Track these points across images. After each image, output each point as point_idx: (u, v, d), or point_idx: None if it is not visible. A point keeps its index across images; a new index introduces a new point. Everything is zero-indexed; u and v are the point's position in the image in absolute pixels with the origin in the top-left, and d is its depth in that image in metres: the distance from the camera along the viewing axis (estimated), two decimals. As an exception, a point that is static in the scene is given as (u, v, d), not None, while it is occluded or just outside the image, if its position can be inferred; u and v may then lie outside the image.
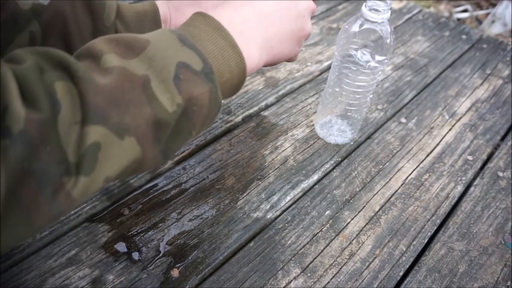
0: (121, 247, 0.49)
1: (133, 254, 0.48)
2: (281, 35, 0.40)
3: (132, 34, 0.30)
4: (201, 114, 0.31)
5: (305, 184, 0.59)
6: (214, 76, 0.32)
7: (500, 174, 0.64)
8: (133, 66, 0.28)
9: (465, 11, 2.00)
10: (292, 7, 0.40)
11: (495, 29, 1.80)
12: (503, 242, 0.54)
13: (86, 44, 0.29)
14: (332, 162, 0.62)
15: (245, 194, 0.56)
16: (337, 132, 0.65)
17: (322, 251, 0.51)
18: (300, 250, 0.51)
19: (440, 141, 0.68)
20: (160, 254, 0.48)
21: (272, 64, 0.42)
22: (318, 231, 0.53)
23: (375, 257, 0.51)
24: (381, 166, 0.63)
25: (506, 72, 0.86)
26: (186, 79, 0.30)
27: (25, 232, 0.24)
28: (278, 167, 0.60)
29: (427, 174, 0.62)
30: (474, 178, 0.63)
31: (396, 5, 1.06)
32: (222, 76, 0.33)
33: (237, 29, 0.35)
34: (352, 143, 0.66)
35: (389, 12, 0.51)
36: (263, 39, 0.38)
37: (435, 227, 0.55)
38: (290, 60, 0.45)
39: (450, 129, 0.71)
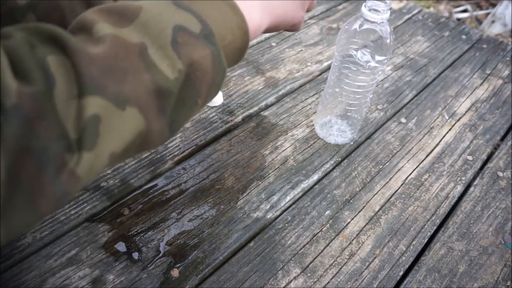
0: (121, 247, 0.49)
1: (133, 254, 0.48)
2: None
3: (123, 2, 0.28)
4: (205, 80, 0.30)
5: (305, 184, 0.59)
6: (215, 39, 0.30)
7: (500, 174, 0.64)
8: (127, 34, 0.26)
9: (465, 11, 2.00)
10: None
11: (495, 29, 1.80)
12: (503, 242, 0.54)
13: (78, 17, 0.27)
14: (332, 162, 0.62)
15: (245, 194, 0.56)
16: (337, 132, 0.65)
17: (322, 251, 0.51)
18: (300, 250, 0.51)
19: (440, 141, 0.68)
20: (160, 254, 0.48)
21: (274, 29, 0.40)
22: (318, 231, 0.53)
23: (375, 257, 0.51)
24: (381, 166, 0.63)
25: (506, 72, 0.86)
26: (184, 42, 0.28)
27: (29, 218, 0.23)
28: (278, 167, 0.61)
29: (427, 174, 0.62)
30: (474, 178, 0.63)
31: (396, 5, 1.06)
32: (223, 39, 0.31)
33: None
34: (352, 143, 0.66)
35: (389, 12, 0.51)
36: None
37: (435, 227, 0.55)
38: (294, 28, 0.43)
39: (450, 129, 0.71)
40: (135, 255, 0.48)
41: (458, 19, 1.93)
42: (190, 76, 0.28)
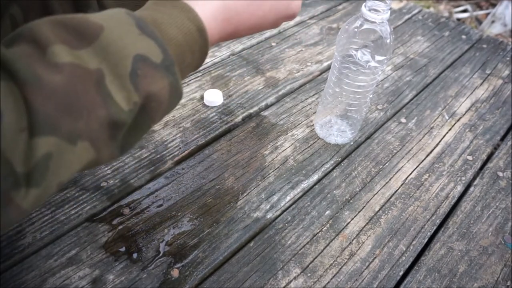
0: (121, 247, 0.49)
1: (133, 254, 0.48)
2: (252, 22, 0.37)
3: (83, 17, 0.26)
4: (161, 109, 0.29)
5: (305, 184, 0.59)
6: (175, 68, 0.29)
7: (500, 174, 0.64)
8: (85, 58, 0.24)
9: (465, 11, 2.00)
10: None
11: (495, 29, 1.80)
12: (503, 242, 0.54)
13: (29, 24, 0.25)
14: (332, 162, 0.62)
15: (245, 194, 0.56)
16: (337, 132, 0.65)
17: (322, 251, 0.51)
18: (300, 250, 0.51)
19: (440, 141, 0.68)
20: (160, 254, 0.48)
21: (234, 36, 0.38)
22: (318, 231, 0.53)
23: (375, 257, 0.51)
24: (381, 166, 0.63)
25: (506, 72, 0.86)
26: (144, 74, 0.27)
27: None
28: (278, 167, 0.61)
29: (427, 174, 0.62)
30: (474, 178, 0.63)
31: (396, 5, 1.06)
32: (183, 61, 0.31)
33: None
34: (352, 143, 0.66)
35: (389, 12, 0.51)
36: (226, 10, 0.34)
37: (435, 227, 0.55)
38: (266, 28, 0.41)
39: (450, 129, 0.71)
40: (135, 255, 0.48)
41: (458, 19, 1.93)
42: (145, 107, 0.28)
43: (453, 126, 0.72)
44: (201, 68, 0.78)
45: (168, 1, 0.31)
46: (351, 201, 0.57)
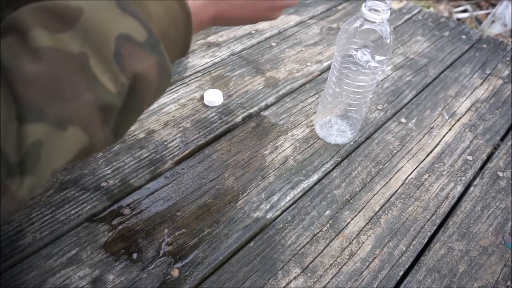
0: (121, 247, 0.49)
1: (133, 254, 0.48)
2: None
3: (63, 1, 0.25)
4: (151, 90, 0.29)
5: (305, 184, 0.59)
6: (161, 46, 0.28)
7: (500, 174, 0.64)
8: (67, 42, 0.24)
9: (465, 11, 2.00)
10: None
11: (495, 29, 1.80)
12: (503, 242, 0.54)
13: (11, 15, 0.25)
14: (332, 162, 0.62)
15: (245, 194, 0.56)
16: (337, 132, 0.65)
17: (322, 251, 0.51)
18: (300, 250, 0.51)
19: (440, 141, 0.68)
20: (160, 254, 0.48)
21: (225, 22, 0.37)
22: (318, 231, 0.53)
23: (375, 257, 0.51)
24: (381, 166, 0.63)
25: (506, 72, 0.86)
26: (128, 54, 0.26)
27: None
28: (278, 167, 0.61)
29: (427, 174, 0.62)
30: (474, 178, 0.63)
31: (396, 5, 1.07)
32: (167, 38, 0.30)
33: None
34: (352, 143, 0.66)
35: (389, 12, 0.51)
36: None
37: (435, 227, 0.55)
38: (261, 20, 0.41)
39: (450, 129, 0.71)
40: (135, 255, 0.48)
41: (458, 19, 1.93)
42: (134, 88, 0.27)
43: (453, 126, 0.72)
44: (201, 68, 0.78)
45: None
46: (351, 201, 0.57)
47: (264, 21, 0.41)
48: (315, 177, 0.60)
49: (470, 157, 0.66)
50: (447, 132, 0.70)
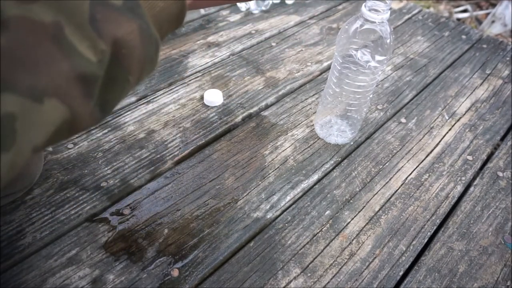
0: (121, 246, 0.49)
1: (133, 254, 0.48)
2: None
3: None
4: (135, 57, 0.27)
5: (305, 184, 0.59)
6: (141, 10, 0.27)
7: (500, 174, 0.64)
8: (37, 11, 0.22)
9: (465, 11, 2.00)
10: None
11: (495, 29, 1.80)
12: (503, 242, 0.54)
13: None
14: (332, 162, 0.62)
15: (245, 194, 0.56)
16: (337, 132, 0.65)
17: (322, 251, 0.51)
18: (300, 250, 0.51)
19: (440, 141, 0.68)
20: (160, 254, 0.48)
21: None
22: (318, 231, 0.53)
23: (375, 257, 0.51)
24: (381, 166, 0.63)
25: (506, 72, 0.86)
26: (104, 19, 0.24)
27: None
28: (278, 167, 0.61)
29: (427, 174, 0.62)
30: (474, 178, 0.63)
31: (396, 5, 1.07)
32: (153, 6, 0.28)
33: None
34: (352, 143, 0.66)
35: (389, 12, 0.51)
36: None
37: (435, 227, 0.55)
38: None
39: (450, 129, 0.71)
40: (135, 255, 0.48)
41: (458, 19, 1.93)
42: (116, 55, 0.26)
43: (453, 126, 0.72)
44: (201, 68, 0.78)
45: None
46: (351, 201, 0.57)
47: None
48: (315, 177, 0.60)
49: (470, 157, 0.66)
50: (447, 132, 0.70)
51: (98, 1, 0.24)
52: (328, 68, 0.82)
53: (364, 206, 0.57)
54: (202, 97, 0.71)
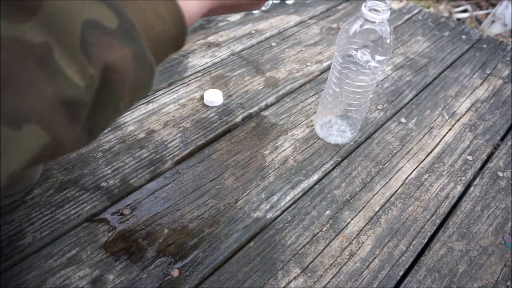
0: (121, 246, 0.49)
1: (133, 254, 0.48)
2: None
3: None
4: (127, 82, 0.26)
5: (305, 184, 0.59)
6: (137, 33, 0.25)
7: (500, 174, 0.64)
8: (28, 32, 0.22)
9: (465, 11, 2.00)
10: None
11: (495, 29, 1.80)
12: (503, 242, 0.54)
13: None
14: (332, 162, 0.62)
15: (245, 194, 0.56)
16: (337, 132, 0.65)
17: (322, 251, 0.51)
18: (300, 250, 0.51)
19: (440, 141, 0.68)
20: (160, 254, 0.48)
21: (229, 9, 0.35)
22: (318, 231, 0.53)
23: (375, 257, 0.51)
24: (381, 166, 0.63)
25: (506, 72, 0.86)
26: (97, 42, 0.23)
27: None
28: (278, 167, 0.61)
29: (427, 174, 0.62)
30: (474, 178, 0.63)
31: (396, 5, 1.06)
32: (151, 29, 0.27)
33: None
34: (352, 143, 0.66)
35: (389, 12, 0.51)
36: None
37: (435, 227, 0.55)
38: (254, 7, 0.37)
39: (450, 129, 0.71)
40: (135, 255, 0.48)
41: (458, 19, 1.93)
42: (106, 80, 0.24)
43: (453, 126, 0.72)
44: (201, 68, 0.78)
45: None
46: (351, 201, 0.57)
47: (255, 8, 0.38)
48: (315, 177, 0.60)
49: (470, 157, 0.66)
50: (447, 132, 0.70)
51: (91, 23, 0.23)
52: (328, 68, 0.82)
53: (364, 206, 0.57)
54: (202, 97, 0.71)
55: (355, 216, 0.55)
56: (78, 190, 0.54)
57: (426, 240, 0.53)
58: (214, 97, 0.69)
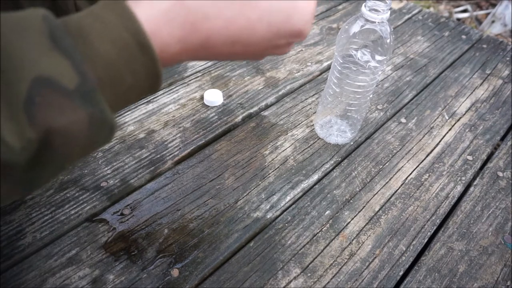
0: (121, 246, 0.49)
1: (133, 254, 0.48)
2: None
3: None
4: (77, 145, 0.23)
5: (305, 184, 0.59)
6: (97, 95, 0.23)
7: (500, 174, 0.64)
8: None
9: (465, 11, 2.00)
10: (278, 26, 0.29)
11: (495, 29, 1.80)
12: (503, 242, 0.54)
13: None
14: (332, 162, 0.62)
15: (245, 194, 0.56)
16: (337, 132, 0.65)
17: (322, 251, 0.51)
18: (300, 250, 0.51)
19: (440, 141, 0.68)
20: (160, 254, 0.48)
21: (216, 54, 0.31)
22: (318, 231, 0.53)
23: (375, 257, 0.51)
24: (381, 166, 0.63)
25: (506, 72, 0.86)
26: (45, 103, 0.21)
27: None
28: (278, 167, 0.61)
29: (427, 174, 0.62)
30: (474, 178, 0.63)
31: (396, 5, 1.06)
32: (120, 83, 0.24)
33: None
34: (352, 143, 0.66)
35: (389, 12, 0.51)
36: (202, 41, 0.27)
37: (435, 227, 0.55)
38: (274, 53, 0.34)
39: (450, 129, 0.71)
40: (135, 255, 0.48)
41: (458, 19, 1.93)
42: (49, 143, 0.22)
43: (453, 126, 0.72)
44: (201, 68, 0.78)
45: (111, 1, 0.24)
46: (351, 201, 0.57)
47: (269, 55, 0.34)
48: (315, 177, 0.60)
49: (470, 157, 0.66)
50: (447, 132, 0.70)
51: (44, 81, 0.21)
52: (328, 68, 0.82)
53: (364, 206, 0.57)
54: (202, 97, 0.71)
55: (355, 216, 0.55)
56: (78, 190, 0.54)
57: (426, 240, 0.53)
58: (214, 97, 0.69)
